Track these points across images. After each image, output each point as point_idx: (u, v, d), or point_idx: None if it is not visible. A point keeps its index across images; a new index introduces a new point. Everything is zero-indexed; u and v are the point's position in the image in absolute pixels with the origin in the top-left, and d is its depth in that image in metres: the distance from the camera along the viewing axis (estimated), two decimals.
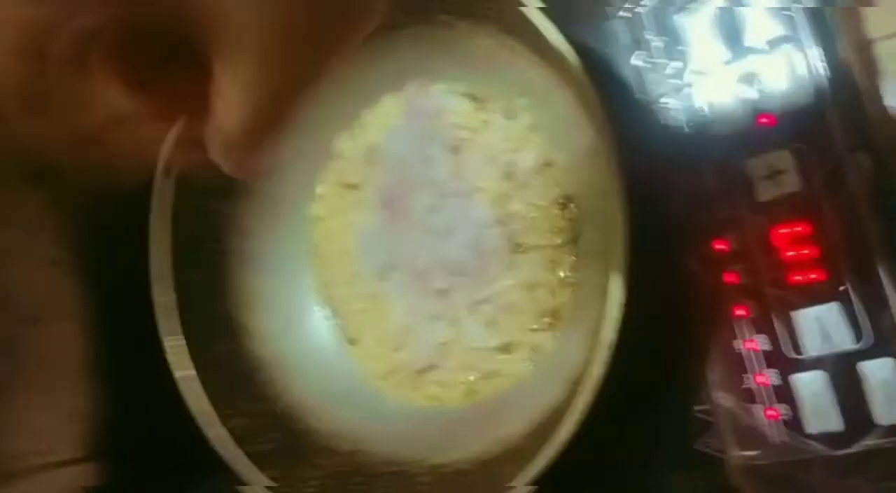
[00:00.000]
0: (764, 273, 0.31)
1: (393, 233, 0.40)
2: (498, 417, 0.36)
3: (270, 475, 0.36)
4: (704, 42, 0.33)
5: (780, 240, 0.31)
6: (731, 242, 0.32)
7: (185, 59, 0.20)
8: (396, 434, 0.38)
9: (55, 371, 0.36)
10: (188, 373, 0.38)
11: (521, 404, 0.35)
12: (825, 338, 0.30)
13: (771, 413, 0.31)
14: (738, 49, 0.32)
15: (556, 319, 0.36)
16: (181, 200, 0.39)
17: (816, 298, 0.30)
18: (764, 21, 0.31)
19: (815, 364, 0.30)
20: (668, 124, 0.33)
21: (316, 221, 0.44)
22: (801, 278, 0.31)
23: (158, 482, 0.40)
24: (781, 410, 0.31)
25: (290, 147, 0.42)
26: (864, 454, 0.29)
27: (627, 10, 0.34)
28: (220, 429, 0.36)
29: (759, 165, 0.31)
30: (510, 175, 0.37)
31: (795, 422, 0.31)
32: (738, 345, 0.32)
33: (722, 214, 0.32)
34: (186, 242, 0.40)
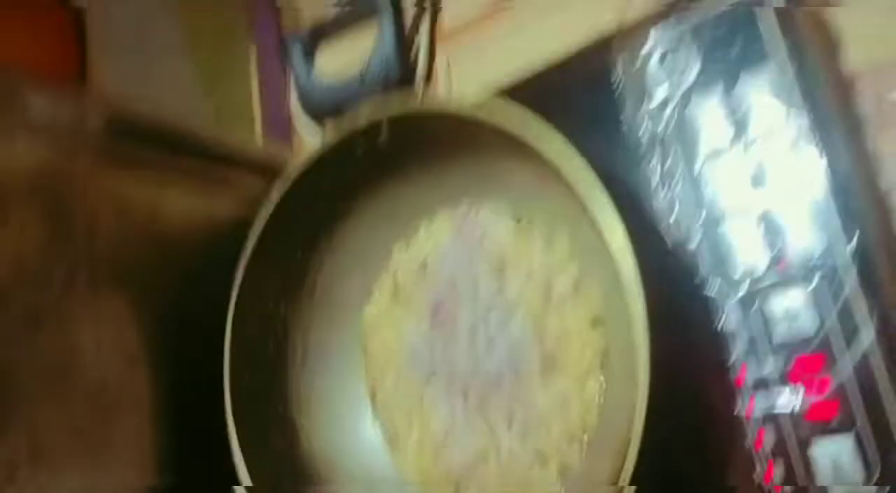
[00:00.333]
0: (781, 407, 0.33)
1: (438, 342, 0.43)
2: None
3: None
4: (729, 187, 0.36)
5: (796, 377, 0.33)
6: (748, 376, 0.34)
7: None
8: None
9: (127, 460, 0.40)
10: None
11: None
12: (838, 471, 0.32)
13: None
14: (761, 194, 0.35)
15: (585, 435, 0.38)
16: (248, 302, 0.44)
17: (831, 433, 0.32)
18: (789, 170, 0.34)
19: None
20: (691, 263, 0.36)
21: (369, 324, 0.47)
22: (815, 414, 0.32)
23: None
24: None
25: (349, 251, 0.47)
26: None
27: (657, 155, 0.38)
28: None
29: (776, 306, 0.34)
30: (548, 295, 0.40)
31: None
32: (758, 475, 0.33)
33: (740, 349, 0.34)
34: (252, 341, 0.44)
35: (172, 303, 0.45)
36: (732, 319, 0.35)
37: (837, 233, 0.33)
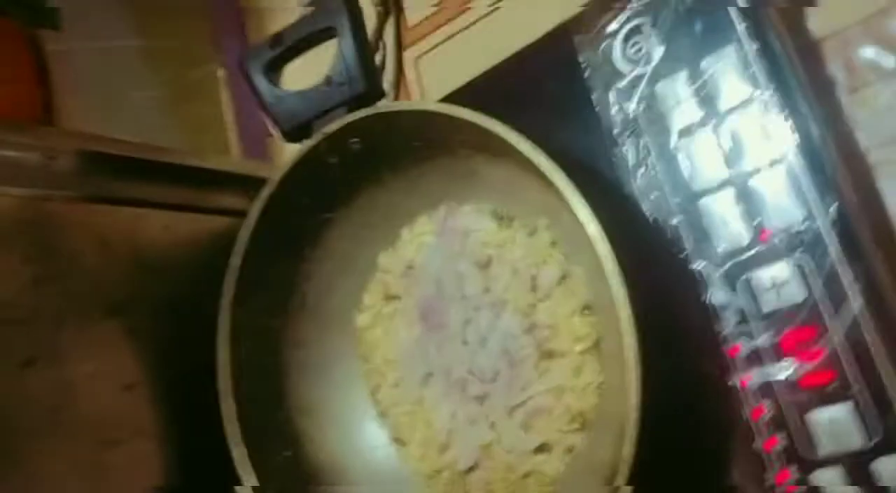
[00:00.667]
0: (776, 377, 0.33)
1: (432, 344, 0.43)
2: None
3: None
4: (705, 163, 0.36)
5: (788, 345, 0.33)
6: (741, 347, 0.34)
7: None
8: None
9: (129, 490, 0.40)
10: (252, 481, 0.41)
11: None
12: (838, 437, 0.32)
13: None
14: (737, 168, 0.35)
15: (585, 420, 0.38)
16: (239, 320, 0.44)
17: (828, 399, 0.32)
18: (761, 142, 0.34)
19: (830, 462, 0.32)
20: (674, 240, 0.36)
21: (363, 330, 0.47)
22: (811, 382, 0.32)
23: None
24: None
25: (336, 261, 0.47)
26: None
27: (630, 137, 0.37)
28: None
29: (762, 276, 0.34)
30: (534, 288, 0.40)
31: None
32: (757, 445, 0.34)
33: (731, 321, 0.34)
34: (247, 357, 0.44)
35: (164, 327, 0.45)
36: (720, 292, 0.35)
37: (816, 200, 0.33)
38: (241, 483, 0.41)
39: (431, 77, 0.50)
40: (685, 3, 0.36)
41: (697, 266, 0.35)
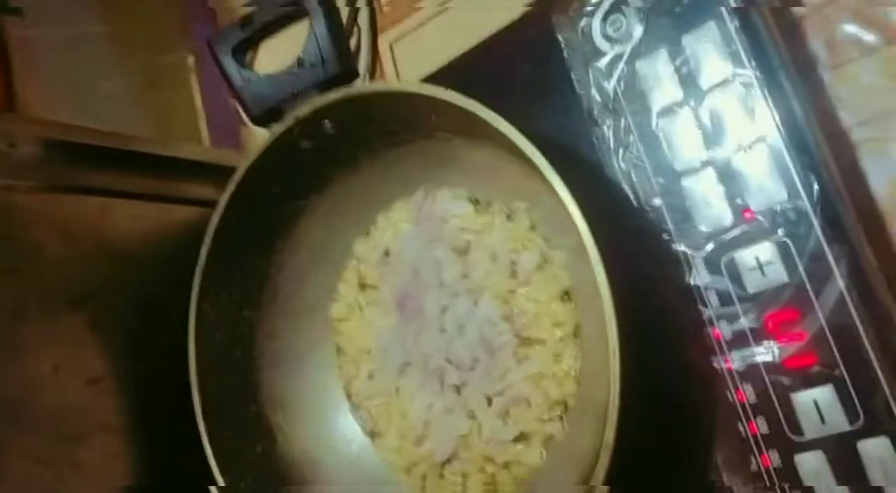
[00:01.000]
0: (761, 358, 0.33)
1: (408, 333, 0.42)
2: None
3: None
4: (686, 143, 0.35)
5: (772, 327, 0.32)
6: (725, 329, 0.33)
7: None
8: None
9: (99, 486, 0.39)
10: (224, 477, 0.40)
11: None
12: (822, 419, 0.31)
13: None
14: (718, 148, 0.34)
15: (564, 408, 0.37)
16: (209, 312, 0.42)
17: (812, 381, 0.31)
18: (743, 121, 0.34)
19: (815, 445, 0.31)
20: (656, 221, 0.35)
21: (337, 321, 0.46)
22: (795, 363, 0.32)
23: None
24: (786, 489, 0.32)
25: (309, 250, 0.45)
26: None
27: (611, 117, 0.37)
28: None
29: (746, 257, 0.33)
30: (514, 273, 0.39)
31: None
32: (741, 428, 0.33)
33: (715, 303, 0.34)
34: (218, 350, 0.43)
35: (131, 320, 0.43)
36: (703, 273, 0.34)
37: (799, 179, 0.32)
38: (213, 480, 0.40)
39: (407, 62, 0.49)
40: None
41: (680, 247, 0.35)
